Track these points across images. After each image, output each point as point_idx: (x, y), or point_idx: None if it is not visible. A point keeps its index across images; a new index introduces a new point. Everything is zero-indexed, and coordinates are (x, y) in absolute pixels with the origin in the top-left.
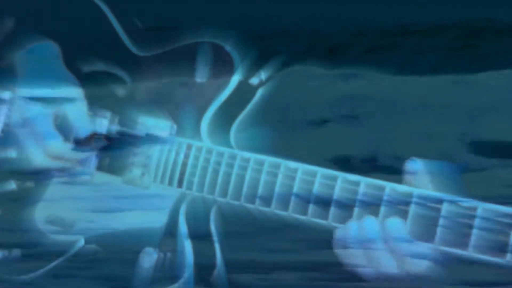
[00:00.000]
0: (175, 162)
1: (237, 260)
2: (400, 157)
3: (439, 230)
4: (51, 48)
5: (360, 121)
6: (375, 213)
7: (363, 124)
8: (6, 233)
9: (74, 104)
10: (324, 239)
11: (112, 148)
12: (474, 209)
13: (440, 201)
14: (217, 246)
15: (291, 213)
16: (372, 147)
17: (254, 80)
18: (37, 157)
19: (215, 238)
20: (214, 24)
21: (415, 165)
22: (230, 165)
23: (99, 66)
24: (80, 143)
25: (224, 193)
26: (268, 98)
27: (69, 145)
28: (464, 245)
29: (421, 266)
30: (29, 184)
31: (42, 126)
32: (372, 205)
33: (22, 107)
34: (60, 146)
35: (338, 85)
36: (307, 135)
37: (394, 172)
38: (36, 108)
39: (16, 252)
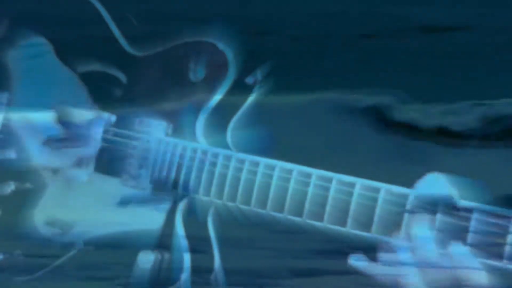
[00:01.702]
0: (171, 164)
1: (233, 263)
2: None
3: (436, 231)
4: (44, 46)
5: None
6: (371, 215)
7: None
8: (6, 235)
9: (71, 105)
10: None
11: (109, 150)
12: (470, 211)
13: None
14: (214, 248)
15: (286, 215)
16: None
17: (249, 80)
18: (35, 158)
19: (212, 240)
20: (209, 23)
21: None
22: (226, 167)
23: (95, 67)
24: (76, 145)
25: (220, 195)
26: (264, 97)
27: (66, 147)
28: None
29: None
30: (28, 185)
31: (39, 127)
32: (367, 207)
33: (20, 108)
34: (58, 148)
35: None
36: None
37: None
38: (33, 109)
39: (16, 253)
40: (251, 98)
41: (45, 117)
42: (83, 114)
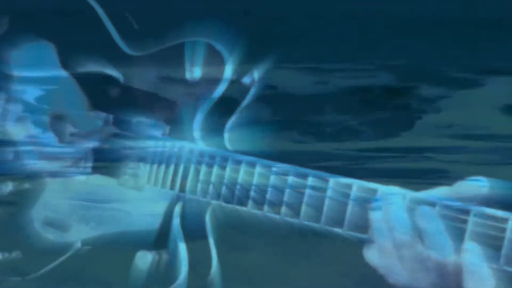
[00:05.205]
0: (168, 164)
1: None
2: None
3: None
4: (46, 48)
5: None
6: (367, 215)
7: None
8: (4, 235)
9: (69, 105)
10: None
11: (106, 150)
12: (467, 212)
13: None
14: (212, 249)
15: (283, 216)
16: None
17: (246, 79)
18: (33, 158)
19: (210, 240)
20: (206, 23)
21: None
22: (222, 167)
23: (93, 67)
24: (74, 144)
25: (217, 195)
26: (262, 97)
27: (64, 146)
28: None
29: None
30: (26, 186)
31: (37, 126)
32: (363, 208)
33: (17, 107)
34: (55, 147)
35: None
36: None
37: None
38: (31, 108)
39: (14, 253)
40: (248, 99)
41: (42, 117)
42: (80, 115)
